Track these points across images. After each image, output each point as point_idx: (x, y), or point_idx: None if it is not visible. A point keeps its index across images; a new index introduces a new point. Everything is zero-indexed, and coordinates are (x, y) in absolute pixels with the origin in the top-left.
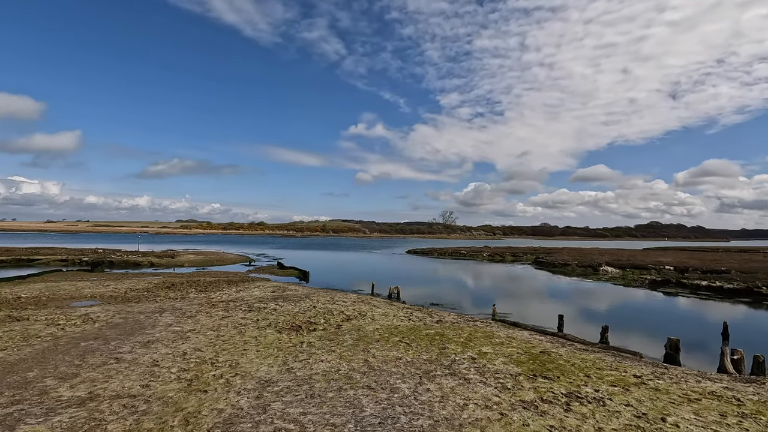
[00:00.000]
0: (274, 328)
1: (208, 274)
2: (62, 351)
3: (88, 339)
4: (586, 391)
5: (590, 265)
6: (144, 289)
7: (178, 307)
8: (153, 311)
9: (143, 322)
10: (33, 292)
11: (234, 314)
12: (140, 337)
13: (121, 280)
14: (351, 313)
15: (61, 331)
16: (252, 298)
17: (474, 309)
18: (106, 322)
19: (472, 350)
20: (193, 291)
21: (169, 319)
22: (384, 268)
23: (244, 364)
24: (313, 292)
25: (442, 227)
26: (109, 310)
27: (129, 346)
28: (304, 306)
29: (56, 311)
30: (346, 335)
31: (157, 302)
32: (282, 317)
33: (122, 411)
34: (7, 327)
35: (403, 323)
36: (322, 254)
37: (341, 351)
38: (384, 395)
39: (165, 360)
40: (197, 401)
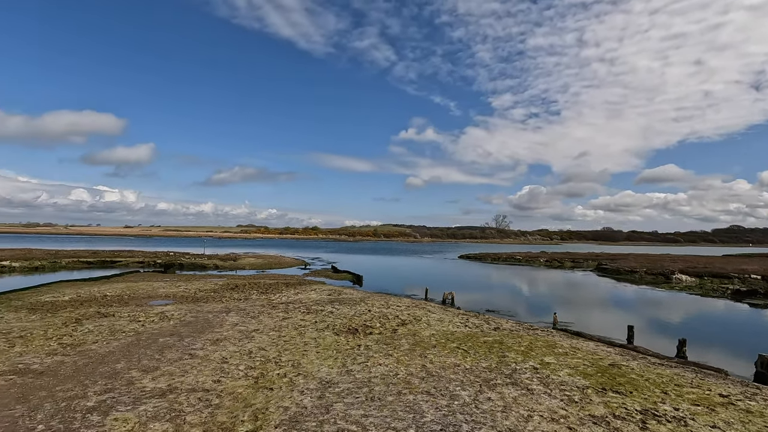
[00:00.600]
0: (331, 330)
1: (267, 276)
2: (144, 345)
3: (165, 335)
4: (664, 409)
5: (661, 273)
6: (211, 290)
7: (242, 307)
8: (220, 311)
9: (212, 321)
10: (116, 291)
11: (293, 316)
12: (210, 335)
13: (190, 281)
14: (406, 317)
15: (141, 327)
16: (309, 300)
17: (532, 317)
18: (180, 320)
19: (533, 360)
20: (255, 293)
21: (235, 319)
22: (436, 273)
23: (306, 364)
24: (367, 296)
25: (495, 232)
26: (182, 308)
27: (201, 343)
28: (360, 310)
29: (137, 309)
30: (402, 340)
31: (223, 302)
32: (339, 320)
33: (198, 404)
34: (97, 322)
35: (460, 329)
36: (374, 258)
37: (398, 355)
38: (444, 402)
39: (233, 358)
40: (264, 398)
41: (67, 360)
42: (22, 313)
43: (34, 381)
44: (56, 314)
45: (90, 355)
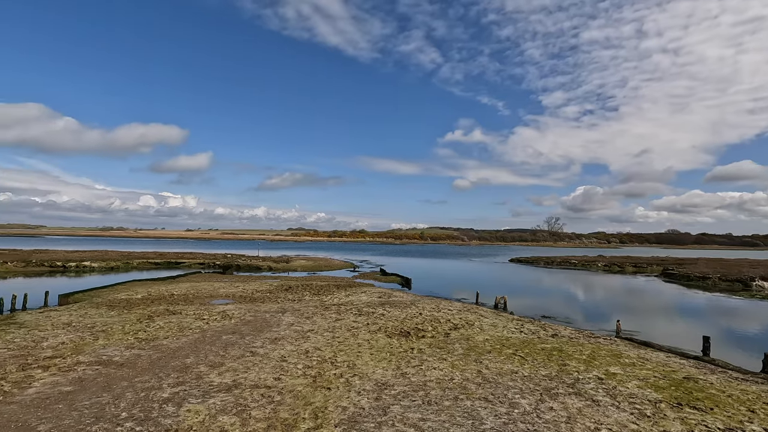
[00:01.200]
0: (384, 332)
1: (318, 278)
2: (209, 342)
3: (228, 333)
4: (752, 428)
5: (738, 279)
6: (266, 290)
7: (296, 308)
8: (276, 311)
9: (269, 320)
10: (182, 291)
11: (346, 317)
12: (268, 334)
13: (247, 282)
14: (458, 322)
15: (206, 324)
16: (360, 302)
17: (591, 324)
18: (240, 318)
19: (597, 369)
20: (308, 294)
21: (291, 319)
22: (486, 277)
23: (361, 365)
24: (417, 299)
25: (547, 234)
26: (241, 308)
27: (260, 342)
28: (411, 313)
29: (201, 307)
30: (456, 344)
31: (278, 303)
32: (390, 323)
33: (261, 400)
34: (167, 319)
35: (515, 335)
36: (421, 261)
37: (453, 360)
38: (503, 409)
39: (291, 356)
40: (323, 397)
41: (143, 353)
42: (103, 310)
43: (116, 372)
44: (131, 311)
45: (162, 349)
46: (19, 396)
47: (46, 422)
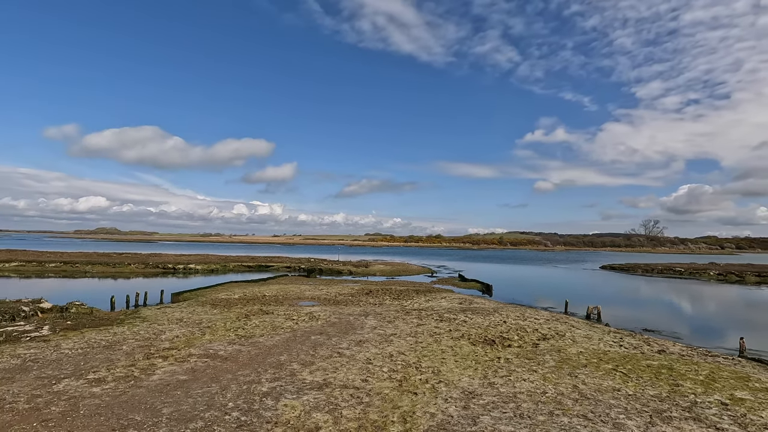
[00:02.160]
0: (467, 340)
1: (397, 283)
2: (299, 341)
3: (315, 333)
4: None
5: None
6: (348, 294)
7: (378, 312)
8: (359, 314)
9: (353, 323)
10: (272, 292)
11: (427, 323)
12: (353, 336)
13: (330, 285)
14: (546, 332)
15: (296, 324)
16: (441, 308)
17: (705, 341)
18: (326, 320)
19: (719, 393)
20: (388, 298)
21: (373, 323)
22: (574, 285)
23: (446, 372)
24: (500, 307)
25: (644, 239)
26: (326, 310)
27: (346, 343)
28: (494, 320)
29: (290, 308)
30: (546, 355)
31: (360, 306)
32: (473, 330)
33: (351, 400)
34: (261, 318)
35: (613, 349)
36: (501, 267)
37: (544, 372)
38: (606, 429)
39: (376, 359)
40: (410, 402)
41: (242, 349)
42: (207, 308)
43: (221, 365)
44: (231, 310)
45: (259, 346)
46: (146, 381)
47: (168, 406)
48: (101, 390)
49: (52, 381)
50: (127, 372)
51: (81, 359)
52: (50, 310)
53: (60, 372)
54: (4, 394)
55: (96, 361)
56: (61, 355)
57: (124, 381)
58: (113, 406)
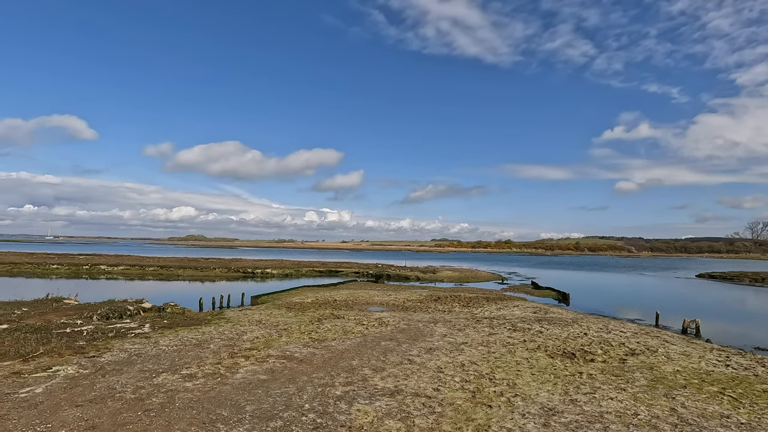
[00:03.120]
0: (544, 352)
1: (466, 290)
2: (370, 347)
3: (385, 339)
4: None
5: None
6: (417, 300)
7: (447, 319)
8: (428, 321)
9: (422, 330)
10: (342, 297)
11: (499, 332)
12: (423, 344)
13: (398, 291)
14: (634, 346)
15: (366, 330)
16: (513, 317)
17: None
18: (395, 326)
19: None
20: (457, 305)
21: (443, 330)
22: (665, 295)
23: (522, 385)
24: (579, 317)
25: (750, 244)
26: (395, 316)
27: (416, 351)
28: (573, 332)
29: (360, 313)
30: (636, 373)
31: (429, 313)
32: (550, 341)
33: (423, 408)
34: (333, 322)
35: (718, 369)
36: (578, 274)
37: (634, 391)
38: None
39: (447, 368)
40: (485, 415)
41: (316, 352)
42: (283, 311)
43: (297, 366)
44: (304, 313)
45: (331, 350)
46: (231, 379)
47: (250, 404)
48: (193, 385)
49: (153, 374)
50: (214, 369)
51: (176, 355)
52: (150, 310)
53: (159, 366)
54: (114, 384)
55: (188, 358)
56: (159, 351)
57: (212, 378)
58: (203, 401)
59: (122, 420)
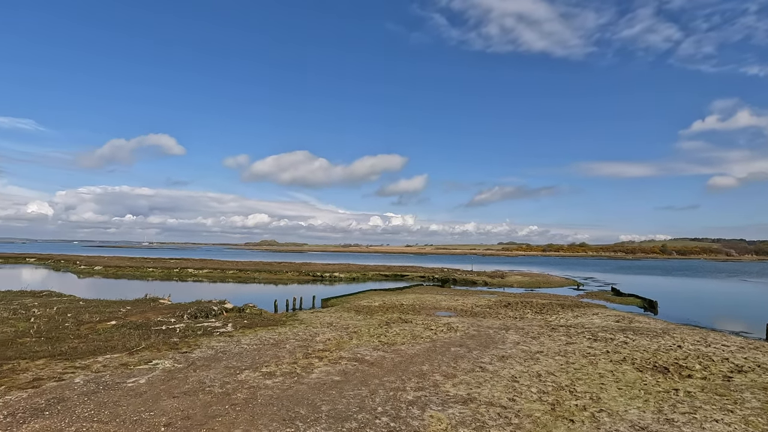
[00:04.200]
0: (631, 364)
1: (537, 295)
2: (439, 352)
3: (455, 345)
4: None
5: None
6: (485, 305)
7: (519, 326)
8: (499, 327)
9: (493, 336)
10: (409, 301)
11: (578, 341)
12: (494, 351)
13: (465, 296)
14: (742, 362)
15: (434, 335)
16: (593, 326)
17: None
18: (464, 332)
19: None
20: (530, 312)
21: (515, 338)
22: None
23: (607, 400)
24: (671, 328)
25: None
26: (464, 321)
27: (488, 358)
28: (665, 344)
29: (427, 318)
30: (745, 392)
31: (499, 319)
32: (638, 353)
33: (498, 419)
34: (401, 326)
35: None
36: (666, 281)
37: (744, 413)
38: None
39: (522, 378)
40: (566, 429)
41: (386, 356)
42: (352, 313)
43: (368, 369)
44: (372, 316)
45: (401, 354)
46: (306, 379)
47: (326, 404)
48: (272, 383)
49: (236, 371)
50: (291, 369)
51: (256, 354)
52: (232, 310)
53: (241, 363)
54: (204, 379)
55: (267, 357)
56: (241, 349)
57: (289, 377)
58: (282, 399)
59: (212, 412)
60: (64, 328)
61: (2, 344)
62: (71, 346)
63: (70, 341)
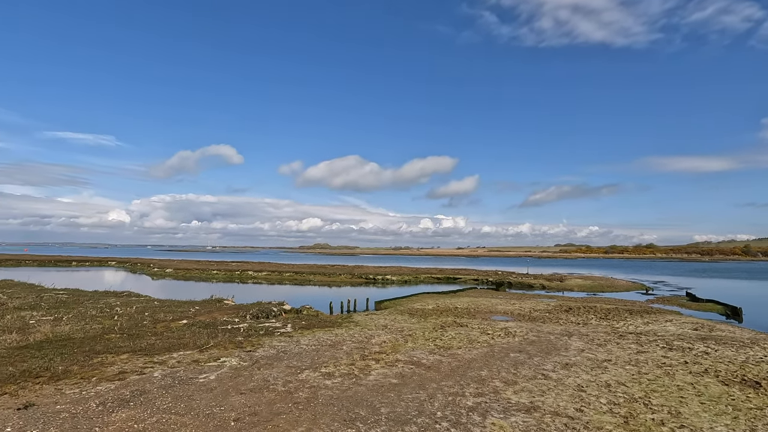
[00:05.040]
0: (714, 377)
1: (601, 300)
2: (498, 357)
3: (514, 351)
4: None
5: None
6: (544, 310)
7: (583, 332)
8: (561, 333)
9: (555, 343)
10: (463, 304)
11: (650, 350)
12: (557, 358)
13: (522, 300)
14: None
15: (491, 339)
16: (667, 333)
17: None
18: (523, 337)
19: None
20: (594, 317)
21: (579, 345)
22: None
23: (688, 415)
24: (761, 337)
25: None
26: (522, 326)
27: (550, 365)
28: (754, 355)
29: (483, 322)
30: None
31: (560, 324)
32: (722, 365)
33: (565, 430)
34: (456, 330)
35: None
36: (751, 285)
37: None
38: None
39: (589, 387)
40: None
41: (443, 360)
42: (405, 316)
43: (425, 373)
44: (426, 320)
45: (458, 358)
46: (364, 380)
47: (385, 406)
48: (332, 383)
49: (297, 371)
50: (349, 370)
51: (314, 354)
52: (290, 311)
53: (302, 363)
54: (268, 377)
55: (325, 357)
56: (301, 349)
57: (347, 378)
58: (342, 399)
59: (277, 410)
60: (143, 325)
61: (92, 339)
62: (149, 343)
63: (148, 338)
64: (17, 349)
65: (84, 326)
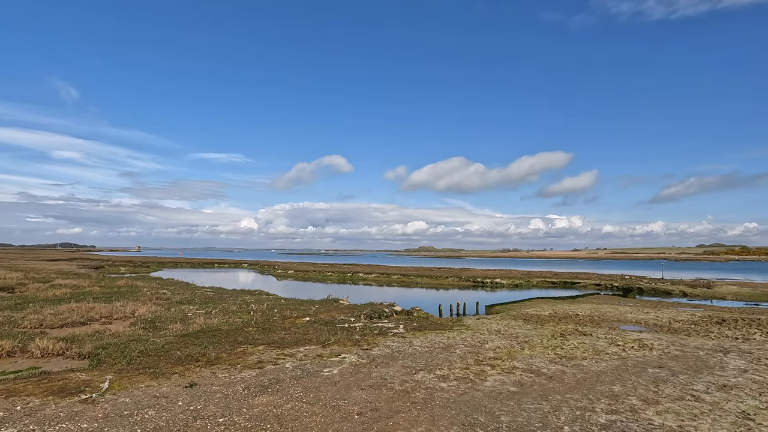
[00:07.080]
0: None
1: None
2: (632, 372)
3: (652, 366)
4: None
5: None
6: (688, 321)
7: (744, 349)
8: (713, 349)
9: (705, 360)
10: (585, 311)
11: None
12: (710, 378)
13: (658, 309)
14: None
15: (623, 351)
16: None
17: None
18: (663, 351)
19: None
20: (757, 332)
21: (739, 363)
22: None
23: None
24: None
25: None
26: (661, 339)
27: (702, 385)
28: None
29: (611, 332)
30: None
31: (712, 339)
32: None
33: None
34: (578, 339)
35: None
36: None
37: None
38: None
39: (759, 416)
40: None
41: (566, 370)
42: (519, 322)
43: (546, 383)
44: (543, 326)
45: (584, 370)
46: (480, 386)
47: (505, 414)
48: (447, 386)
49: (412, 371)
50: (464, 374)
51: (428, 356)
52: (400, 313)
53: (416, 364)
54: (385, 375)
55: (438, 360)
56: (414, 350)
57: (463, 382)
58: (459, 403)
59: (396, 407)
60: (273, 321)
61: (235, 331)
62: (280, 337)
63: (278, 332)
64: (181, 336)
65: (228, 319)
